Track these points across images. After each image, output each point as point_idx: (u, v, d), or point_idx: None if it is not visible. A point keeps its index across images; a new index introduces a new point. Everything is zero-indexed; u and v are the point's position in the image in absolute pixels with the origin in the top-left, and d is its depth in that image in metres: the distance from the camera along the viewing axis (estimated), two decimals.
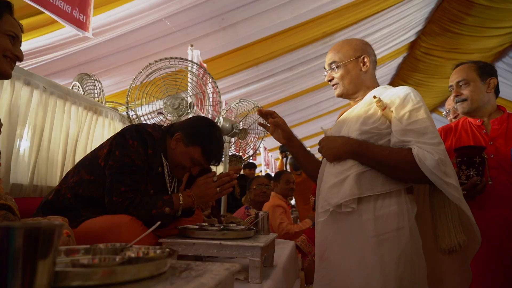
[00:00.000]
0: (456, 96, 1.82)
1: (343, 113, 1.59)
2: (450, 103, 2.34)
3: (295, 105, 7.07)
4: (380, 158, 1.30)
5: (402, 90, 1.39)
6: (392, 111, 1.35)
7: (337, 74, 1.52)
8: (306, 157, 1.66)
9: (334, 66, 1.52)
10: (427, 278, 1.33)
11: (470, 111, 1.80)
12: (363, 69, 1.51)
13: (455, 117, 2.31)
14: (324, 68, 1.58)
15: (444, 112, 2.44)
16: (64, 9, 2.22)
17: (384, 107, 1.36)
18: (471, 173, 1.66)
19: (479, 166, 1.66)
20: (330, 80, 1.55)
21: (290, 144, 1.63)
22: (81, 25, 2.38)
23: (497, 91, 1.83)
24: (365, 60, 1.51)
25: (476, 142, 1.78)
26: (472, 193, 1.64)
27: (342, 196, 1.32)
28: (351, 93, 1.53)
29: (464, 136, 1.84)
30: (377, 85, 1.54)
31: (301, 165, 1.69)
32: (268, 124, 1.62)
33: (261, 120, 1.70)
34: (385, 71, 7.72)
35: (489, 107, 1.80)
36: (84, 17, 2.40)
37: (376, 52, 1.59)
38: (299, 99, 6.87)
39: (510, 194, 1.66)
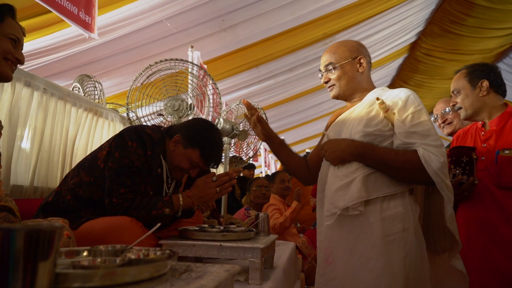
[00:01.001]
0: (453, 105, 1.87)
1: (338, 114, 1.58)
2: (437, 109, 2.35)
3: (295, 106, 7.08)
4: (386, 159, 1.31)
5: (403, 93, 1.40)
6: (394, 113, 1.35)
7: (333, 75, 1.52)
8: (286, 155, 1.67)
9: (330, 68, 1.52)
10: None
11: (468, 117, 1.83)
12: (360, 70, 1.51)
13: (443, 122, 2.32)
14: (320, 70, 1.58)
15: (433, 117, 2.43)
16: (71, 10, 2.24)
17: (387, 109, 1.36)
18: (457, 172, 1.70)
19: (466, 166, 1.68)
20: (326, 82, 1.55)
21: (269, 142, 1.65)
22: (87, 26, 2.40)
23: (499, 90, 1.78)
24: (362, 61, 1.51)
25: (474, 145, 1.78)
26: (458, 191, 1.66)
27: (350, 199, 1.31)
28: (348, 94, 1.53)
29: (469, 139, 1.85)
30: (373, 86, 1.55)
31: (282, 162, 1.70)
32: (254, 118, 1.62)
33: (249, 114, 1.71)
34: (385, 72, 7.72)
35: (487, 109, 1.77)
36: (90, 18, 2.42)
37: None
38: (300, 100, 6.87)
39: (492, 197, 1.67)
